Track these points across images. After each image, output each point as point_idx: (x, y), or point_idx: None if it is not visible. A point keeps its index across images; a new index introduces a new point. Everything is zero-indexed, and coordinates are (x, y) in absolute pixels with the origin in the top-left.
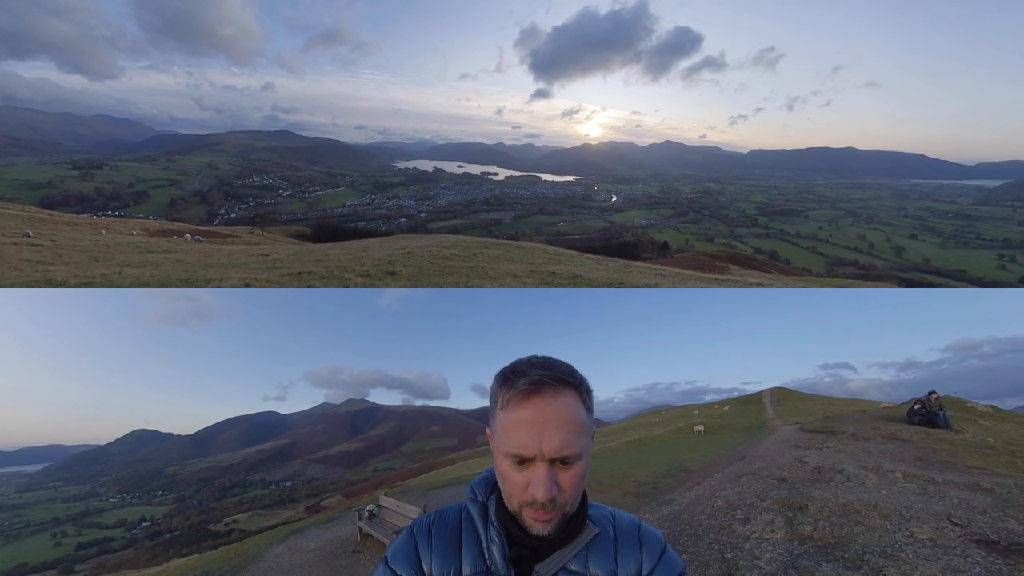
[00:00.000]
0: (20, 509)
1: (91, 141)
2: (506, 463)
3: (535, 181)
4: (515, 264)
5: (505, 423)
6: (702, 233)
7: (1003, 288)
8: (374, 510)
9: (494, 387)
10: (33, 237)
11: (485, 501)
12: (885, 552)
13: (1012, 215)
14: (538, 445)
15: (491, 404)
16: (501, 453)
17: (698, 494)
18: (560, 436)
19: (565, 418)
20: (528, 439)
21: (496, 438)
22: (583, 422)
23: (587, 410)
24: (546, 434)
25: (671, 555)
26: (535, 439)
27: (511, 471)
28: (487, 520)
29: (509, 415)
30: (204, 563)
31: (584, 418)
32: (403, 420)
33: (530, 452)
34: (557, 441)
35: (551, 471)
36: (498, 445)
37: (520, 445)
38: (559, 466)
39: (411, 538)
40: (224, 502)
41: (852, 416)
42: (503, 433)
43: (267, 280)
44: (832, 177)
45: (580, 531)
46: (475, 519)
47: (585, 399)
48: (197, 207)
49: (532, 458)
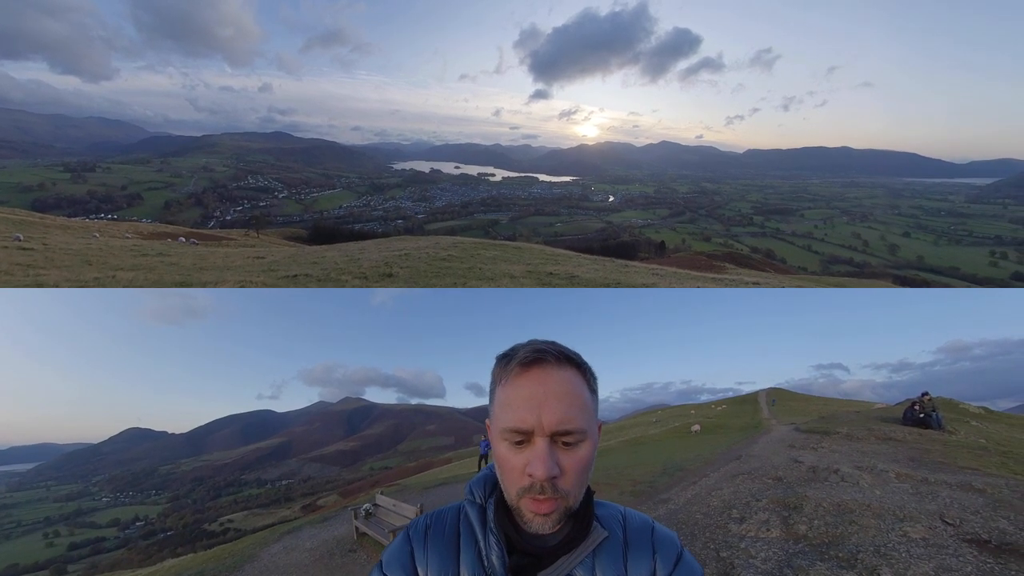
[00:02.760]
0: (11, 509)
1: (83, 143)
2: (504, 446)
3: (532, 182)
4: (512, 265)
5: (503, 399)
6: (699, 233)
7: (995, 288)
8: (370, 509)
9: (494, 371)
10: (24, 241)
11: (484, 503)
12: (879, 551)
13: (1003, 212)
14: (537, 417)
15: (491, 390)
16: (499, 433)
17: (694, 493)
18: (561, 407)
19: (567, 391)
20: (526, 411)
21: (494, 420)
22: (586, 400)
23: (591, 392)
24: (546, 405)
25: (688, 560)
26: (534, 411)
27: (509, 453)
28: (486, 525)
29: (507, 390)
30: (199, 563)
31: (588, 398)
32: (399, 419)
33: (528, 424)
34: (559, 413)
35: (552, 448)
36: (496, 426)
37: (518, 418)
38: (561, 446)
39: (406, 543)
40: (219, 501)
41: (846, 417)
42: (501, 410)
43: (263, 283)
44: (827, 176)
45: (586, 534)
46: (473, 523)
47: (589, 380)
48: (191, 209)
49: (531, 432)
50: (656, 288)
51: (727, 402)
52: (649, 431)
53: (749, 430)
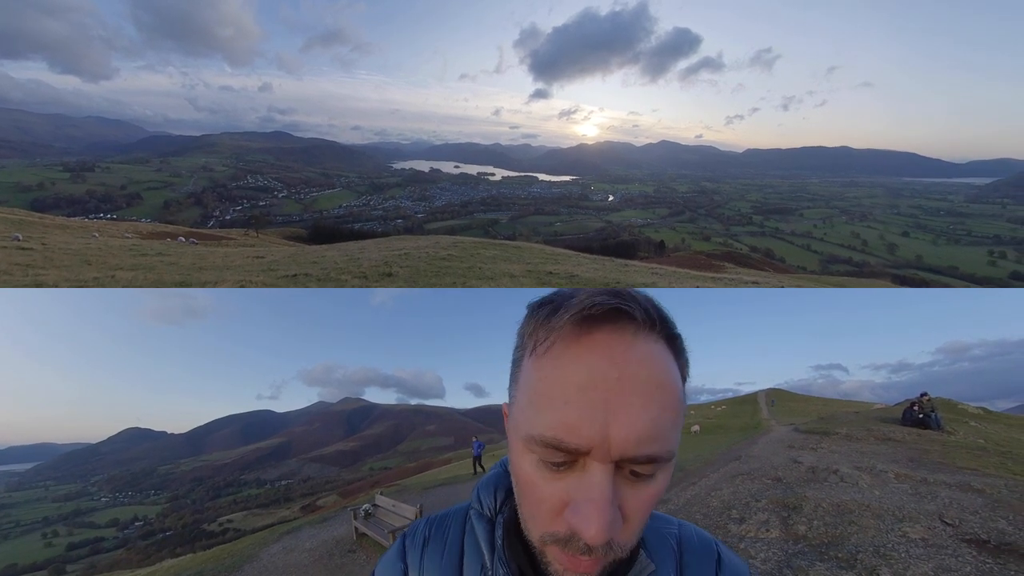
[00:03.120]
0: (10, 509)
1: (82, 143)
2: (531, 462)
3: (532, 181)
4: (512, 264)
5: (540, 382)
6: (698, 232)
7: (993, 288)
8: (370, 509)
9: (523, 327)
10: (23, 241)
11: (493, 516)
12: (878, 551)
13: (1002, 212)
14: (603, 427)
15: (514, 359)
16: (526, 438)
17: (694, 494)
18: (647, 415)
19: (658, 382)
20: (583, 412)
21: (519, 412)
22: (679, 397)
23: (683, 379)
24: (621, 407)
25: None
26: (597, 415)
27: (539, 477)
28: (494, 550)
29: (549, 365)
30: (198, 563)
31: (681, 392)
32: (399, 419)
33: (584, 440)
34: (641, 424)
35: (615, 485)
36: (522, 424)
37: (567, 425)
38: (629, 477)
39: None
40: (218, 501)
41: (845, 417)
42: (533, 402)
43: (262, 283)
44: (826, 176)
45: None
46: (480, 541)
47: (682, 363)
48: (191, 209)
49: (585, 453)
50: (655, 288)
51: (727, 402)
52: None
53: (749, 430)
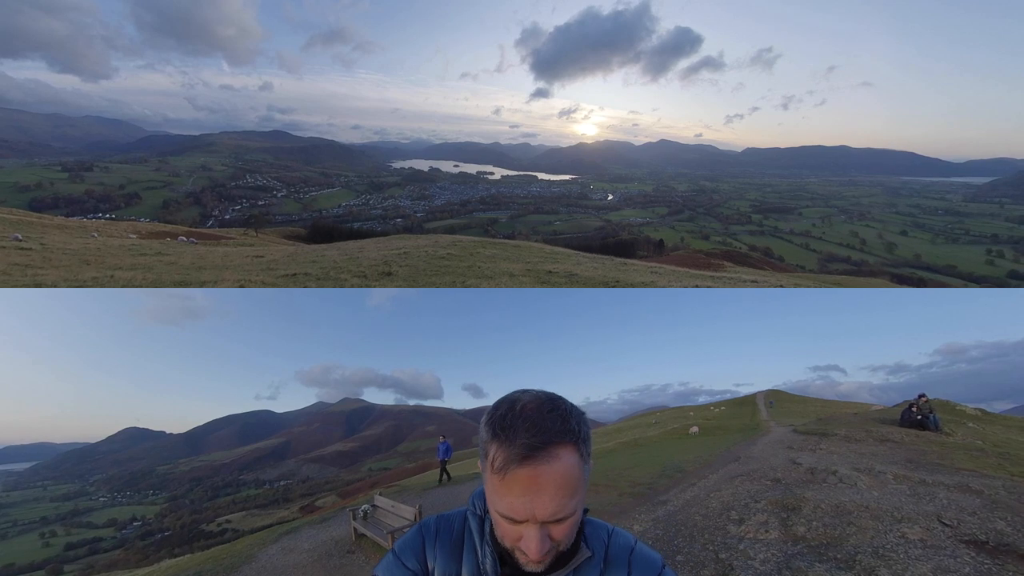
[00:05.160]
0: (8, 508)
1: (81, 142)
2: (496, 513)
3: (531, 180)
4: (512, 263)
5: (496, 486)
6: (697, 231)
7: (992, 289)
8: (368, 510)
9: (484, 436)
10: (22, 241)
11: (483, 515)
12: (877, 552)
13: (1000, 211)
14: (530, 511)
15: (480, 449)
16: (492, 506)
17: (693, 495)
18: (554, 503)
19: (560, 483)
20: (520, 506)
21: (487, 491)
22: (578, 481)
23: (584, 462)
24: (539, 502)
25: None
26: (527, 506)
27: (503, 521)
28: (483, 538)
29: (500, 481)
30: (196, 563)
31: (580, 475)
32: (398, 420)
33: (521, 517)
34: (551, 508)
35: (543, 530)
36: (489, 498)
37: (511, 509)
38: (551, 524)
39: (419, 535)
40: (217, 502)
41: (844, 418)
42: (493, 494)
43: (262, 282)
44: (825, 175)
45: (574, 555)
46: (474, 533)
47: (582, 450)
48: (190, 209)
49: (524, 521)
50: (654, 288)
51: (725, 404)
52: (648, 433)
53: (747, 432)
